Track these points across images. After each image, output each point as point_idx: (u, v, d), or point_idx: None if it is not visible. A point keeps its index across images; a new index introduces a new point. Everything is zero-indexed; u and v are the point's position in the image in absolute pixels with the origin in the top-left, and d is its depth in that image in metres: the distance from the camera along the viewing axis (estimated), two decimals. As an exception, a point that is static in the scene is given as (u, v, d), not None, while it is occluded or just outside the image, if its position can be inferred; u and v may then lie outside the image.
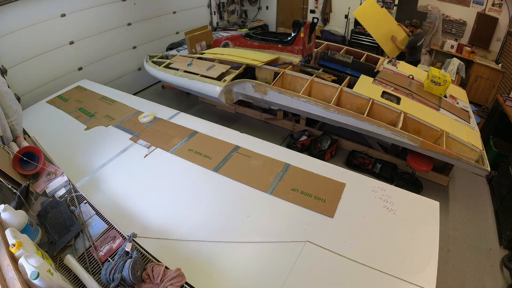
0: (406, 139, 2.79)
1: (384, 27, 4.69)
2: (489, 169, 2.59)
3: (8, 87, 2.92)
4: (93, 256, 1.57)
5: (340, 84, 3.35)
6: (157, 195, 2.01)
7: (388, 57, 4.42)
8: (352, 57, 4.11)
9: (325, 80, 3.44)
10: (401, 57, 4.72)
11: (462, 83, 4.96)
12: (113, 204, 1.93)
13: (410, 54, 4.68)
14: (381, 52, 6.02)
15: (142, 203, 1.95)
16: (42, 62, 3.83)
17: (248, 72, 3.78)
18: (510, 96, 4.02)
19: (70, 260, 1.52)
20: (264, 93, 3.42)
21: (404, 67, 4.02)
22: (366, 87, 3.30)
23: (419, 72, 3.97)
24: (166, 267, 1.44)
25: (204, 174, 2.15)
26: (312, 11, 6.78)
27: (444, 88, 3.36)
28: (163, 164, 2.27)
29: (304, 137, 3.94)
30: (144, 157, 2.32)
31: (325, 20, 6.65)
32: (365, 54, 4.35)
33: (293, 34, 3.86)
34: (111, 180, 2.15)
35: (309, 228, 1.72)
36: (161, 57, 4.47)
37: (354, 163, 3.63)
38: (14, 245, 1.24)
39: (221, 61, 3.85)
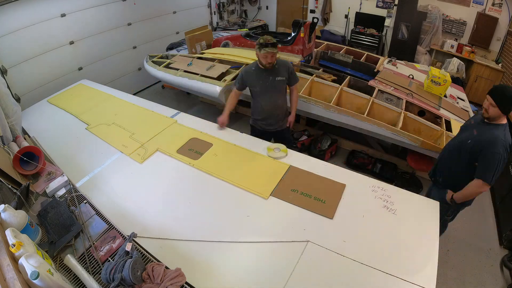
0: (406, 139, 2.79)
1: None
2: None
3: (8, 87, 2.93)
4: (93, 256, 1.57)
5: (340, 84, 3.35)
6: (157, 195, 2.01)
7: (388, 56, 4.42)
8: (352, 57, 4.11)
9: (325, 80, 3.44)
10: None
11: (462, 83, 4.95)
12: (113, 204, 1.93)
13: None
14: (381, 52, 6.04)
15: (142, 203, 1.95)
16: (42, 62, 3.83)
17: (248, 72, 3.77)
18: (510, 96, 4.01)
19: (70, 260, 1.52)
20: (264, 93, 3.42)
21: (403, 68, 4.02)
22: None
23: (419, 73, 3.97)
24: (166, 267, 1.44)
25: (204, 175, 2.15)
26: (312, 11, 6.78)
27: (444, 88, 3.36)
28: (163, 165, 2.27)
29: (304, 137, 3.94)
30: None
31: (325, 20, 6.65)
32: (365, 54, 4.35)
33: (293, 34, 3.86)
34: (111, 180, 2.15)
35: (309, 228, 1.72)
36: (161, 57, 4.48)
37: (354, 163, 3.63)
38: (14, 245, 1.24)
39: (221, 61, 3.85)
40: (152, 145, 2.44)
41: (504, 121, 1.89)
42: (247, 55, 3.86)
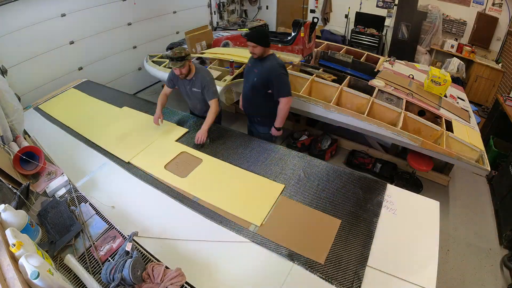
0: (406, 139, 2.79)
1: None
2: (489, 169, 2.59)
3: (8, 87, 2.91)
4: (93, 256, 1.58)
5: (340, 84, 3.35)
6: (157, 194, 2.01)
7: (389, 56, 4.41)
8: (352, 56, 4.11)
9: (325, 79, 3.44)
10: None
11: (462, 83, 4.95)
12: (113, 203, 1.92)
13: None
14: (381, 52, 6.04)
15: (142, 203, 1.95)
16: (42, 62, 3.83)
17: (248, 72, 3.77)
18: (510, 95, 4.01)
19: (70, 260, 1.52)
20: (264, 93, 3.42)
21: (403, 67, 4.01)
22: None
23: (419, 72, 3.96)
24: (166, 267, 1.44)
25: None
26: (312, 11, 6.78)
27: (445, 88, 3.36)
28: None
29: (304, 137, 3.94)
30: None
31: (325, 20, 6.64)
32: (365, 54, 4.35)
33: (293, 34, 3.86)
34: (111, 180, 2.15)
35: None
36: (161, 57, 4.47)
37: (354, 162, 3.63)
38: (14, 245, 1.24)
39: (221, 61, 3.85)
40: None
41: (270, 52, 2.47)
42: (247, 55, 3.85)
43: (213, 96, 2.51)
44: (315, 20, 4.06)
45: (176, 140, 2.50)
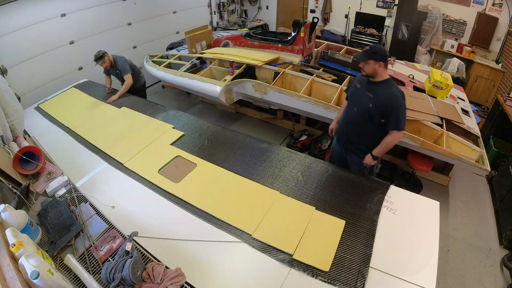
0: (406, 139, 2.79)
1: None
2: (489, 169, 2.59)
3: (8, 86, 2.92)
4: (93, 256, 1.58)
5: (340, 84, 3.35)
6: (157, 195, 2.01)
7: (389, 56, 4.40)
8: (353, 56, 4.10)
9: (325, 79, 3.44)
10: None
11: (462, 83, 4.95)
12: (113, 203, 1.92)
13: None
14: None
15: (142, 203, 1.95)
16: (42, 62, 3.84)
17: (248, 71, 3.77)
18: (510, 96, 4.01)
19: (70, 260, 1.52)
20: (264, 93, 3.42)
21: (403, 68, 4.01)
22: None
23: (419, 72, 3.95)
24: (166, 267, 1.44)
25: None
26: (312, 11, 6.78)
27: (447, 92, 3.36)
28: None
29: (304, 137, 3.94)
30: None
31: (325, 20, 6.64)
32: (365, 54, 4.33)
33: (293, 34, 3.85)
34: (111, 180, 2.15)
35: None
36: (161, 57, 4.47)
37: (354, 163, 3.63)
38: (14, 245, 1.24)
39: (221, 61, 3.85)
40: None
41: (387, 76, 2.06)
42: (247, 55, 3.86)
43: (125, 72, 3.45)
44: (315, 20, 4.05)
45: (172, 144, 2.47)
